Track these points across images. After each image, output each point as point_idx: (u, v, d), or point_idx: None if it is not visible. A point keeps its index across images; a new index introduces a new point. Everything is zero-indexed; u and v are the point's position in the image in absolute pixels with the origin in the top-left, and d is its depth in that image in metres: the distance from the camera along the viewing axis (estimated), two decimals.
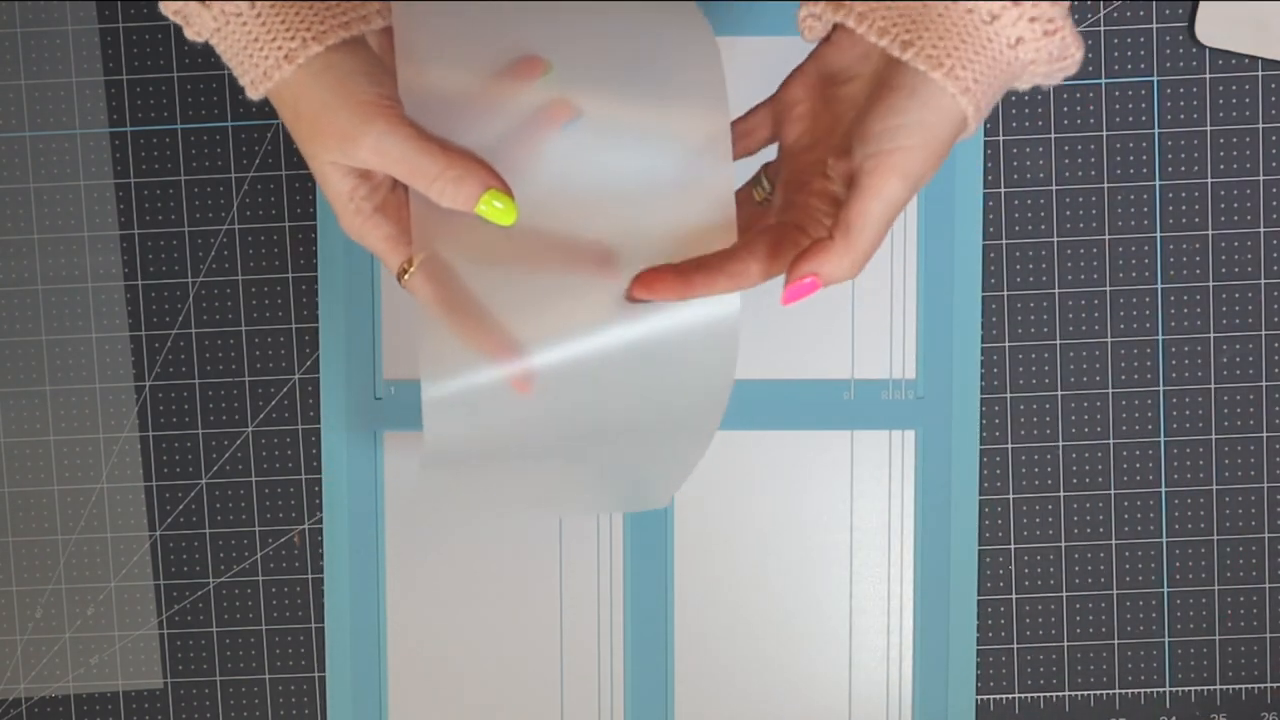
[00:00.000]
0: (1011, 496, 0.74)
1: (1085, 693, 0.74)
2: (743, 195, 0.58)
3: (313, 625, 0.75)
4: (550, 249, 0.55)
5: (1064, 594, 0.74)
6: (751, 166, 0.58)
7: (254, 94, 0.52)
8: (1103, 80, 0.72)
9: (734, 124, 0.57)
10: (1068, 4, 0.51)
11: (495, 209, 0.52)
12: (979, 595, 0.74)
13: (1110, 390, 0.73)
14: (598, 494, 0.68)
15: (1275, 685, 0.74)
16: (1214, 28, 0.71)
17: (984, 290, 0.73)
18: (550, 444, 0.59)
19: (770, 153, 0.58)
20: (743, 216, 0.56)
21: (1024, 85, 0.53)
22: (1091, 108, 0.72)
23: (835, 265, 0.52)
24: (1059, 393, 0.73)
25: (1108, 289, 0.73)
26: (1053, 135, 0.73)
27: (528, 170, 0.54)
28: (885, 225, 0.52)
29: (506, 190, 0.52)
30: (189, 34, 0.52)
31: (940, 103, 0.50)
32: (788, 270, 0.52)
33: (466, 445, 0.57)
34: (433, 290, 0.55)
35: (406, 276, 0.55)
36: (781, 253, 0.53)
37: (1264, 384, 0.73)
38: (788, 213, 0.55)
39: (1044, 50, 0.50)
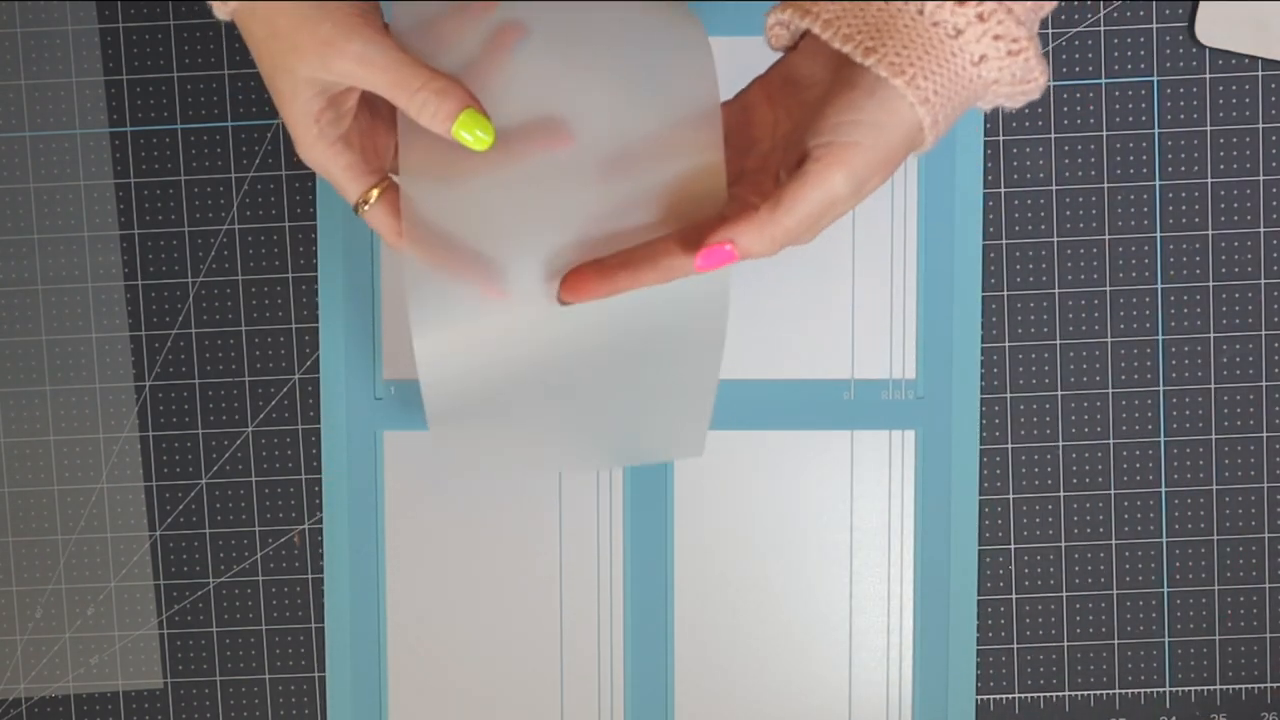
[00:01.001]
0: (1011, 496, 0.74)
1: (1085, 693, 0.74)
2: None
3: (313, 625, 0.75)
4: (515, 145, 0.55)
5: (1064, 594, 0.74)
6: None
7: (222, 13, 0.52)
8: (1103, 80, 0.72)
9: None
10: (1034, 27, 0.51)
11: (473, 131, 0.53)
12: (979, 595, 0.74)
13: (1110, 390, 0.73)
14: (610, 444, 0.66)
15: (1275, 685, 0.74)
16: (1214, 28, 0.71)
17: (984, 290, 0.73)
18: (547, 378, 0.58)
19: None
20: None
21: (986, 106, 0.53)
22: (1091, 108, 0.72)
23: (755, 237, 0.51)
24: (1059, 393, 0.73)
25: (1108, 289, 0.73)
26: (1053, 135, 0.73)
27: (499, 96, 0.55)
28: (817, 217, 0.51)
29: (484, 113, 0.53)
30: None
31: (897, 108, 0.51)
32: (708, 234, 0.52)
33: (464, 387, 0.57)
34: (391, 223, 0.56)
35: (366, 207, 0.56)
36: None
37: (1264, 384, 0.73)
38: (725, 205, 0.55)
39: (1007, 70, 0.51)
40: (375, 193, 0.56)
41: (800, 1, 0.52)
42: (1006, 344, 0.73)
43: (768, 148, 0.56)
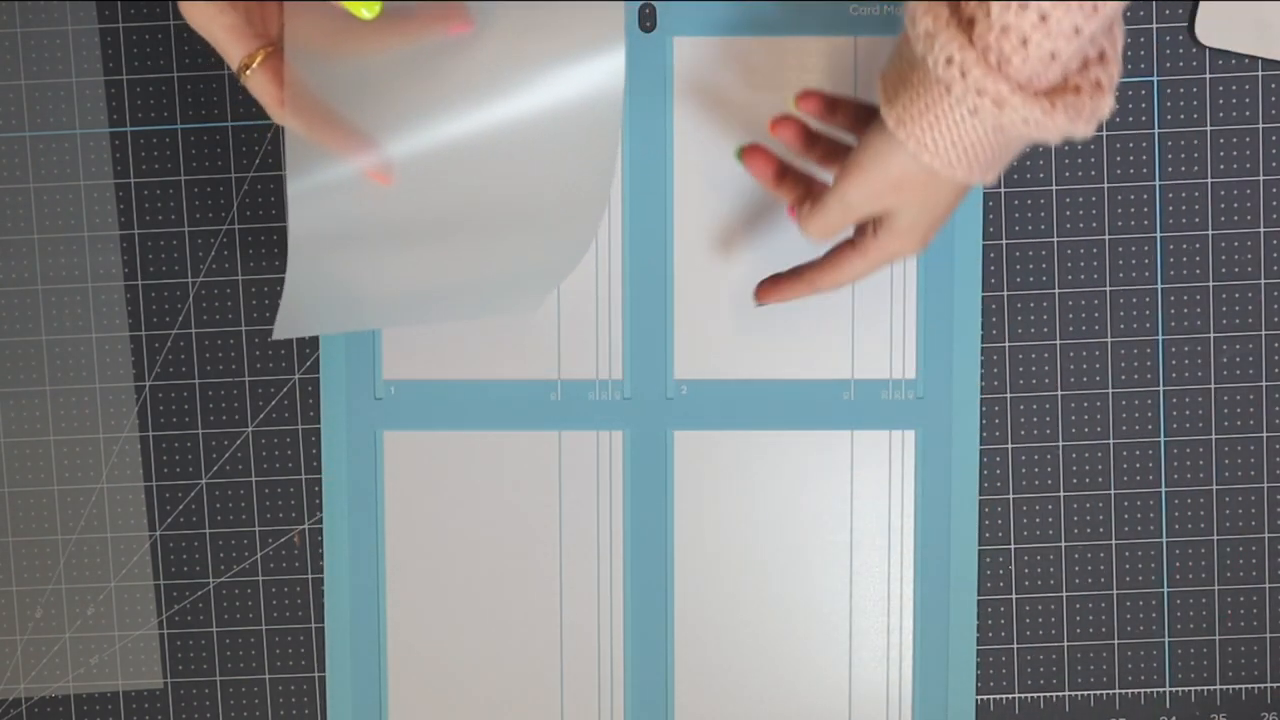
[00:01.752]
0: (1011, 496, 0.74)
1: (1085, 693, 0.74)
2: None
3: (313, 625, 0.75)
4: (409, 25, 0.55)
5: (1064, 594, 0.74)
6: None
7: None
8: None
9: (833, 98, 0.63)
10: (1042, 76, 0.51)
11: None
12: (979, 595, 0.74)
13: (1110, 390, 0.73)
14: (469, 294, 0.66)
15: (1275, 685, 0.74)
16: (1214, 28, 0.71)
17: (984, 290, 0.73)
18: (420, 228, 0.58)
19: None
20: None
21: (1043, 141, 0.54)
22: None
23: (805, 224, 0.62)
24: (1059, 393, 0.73)
25: (1108, 289, 0.73)
26: None
27: None
28: (843, 218, 0.60)
29: None
30: None
31: (898, 151, 0.56)
32: (793, 200, 0.64)
33: (333, 230, 0.57)
34: (274, 91, 0.55)
35: (249, 73, 0.55)
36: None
37: (1264, 384, 0.73)
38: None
39: (1008, 117, 0.52)
40: (260, 57, 0.55)
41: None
42: (1006, 344, 0.73)
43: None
